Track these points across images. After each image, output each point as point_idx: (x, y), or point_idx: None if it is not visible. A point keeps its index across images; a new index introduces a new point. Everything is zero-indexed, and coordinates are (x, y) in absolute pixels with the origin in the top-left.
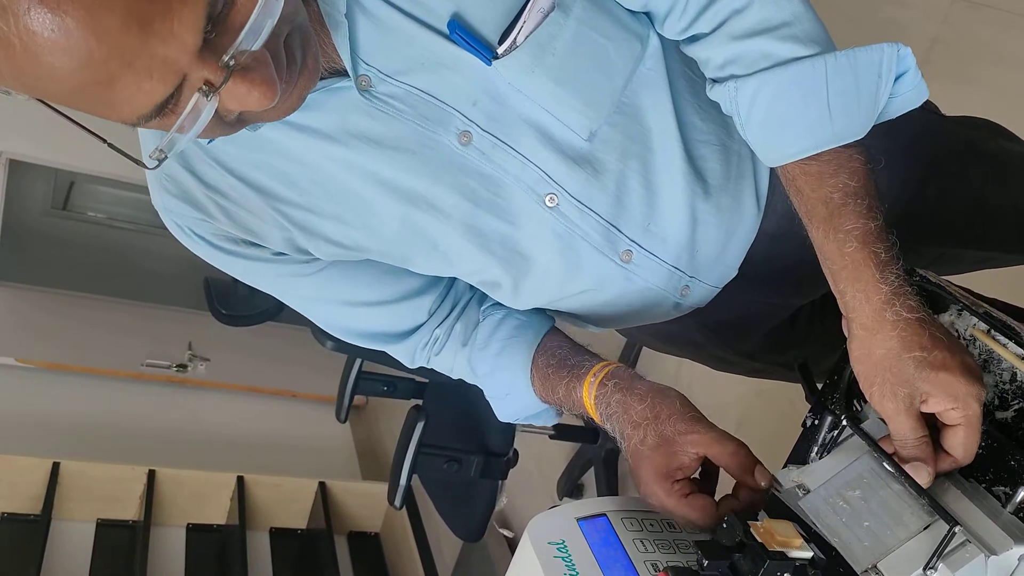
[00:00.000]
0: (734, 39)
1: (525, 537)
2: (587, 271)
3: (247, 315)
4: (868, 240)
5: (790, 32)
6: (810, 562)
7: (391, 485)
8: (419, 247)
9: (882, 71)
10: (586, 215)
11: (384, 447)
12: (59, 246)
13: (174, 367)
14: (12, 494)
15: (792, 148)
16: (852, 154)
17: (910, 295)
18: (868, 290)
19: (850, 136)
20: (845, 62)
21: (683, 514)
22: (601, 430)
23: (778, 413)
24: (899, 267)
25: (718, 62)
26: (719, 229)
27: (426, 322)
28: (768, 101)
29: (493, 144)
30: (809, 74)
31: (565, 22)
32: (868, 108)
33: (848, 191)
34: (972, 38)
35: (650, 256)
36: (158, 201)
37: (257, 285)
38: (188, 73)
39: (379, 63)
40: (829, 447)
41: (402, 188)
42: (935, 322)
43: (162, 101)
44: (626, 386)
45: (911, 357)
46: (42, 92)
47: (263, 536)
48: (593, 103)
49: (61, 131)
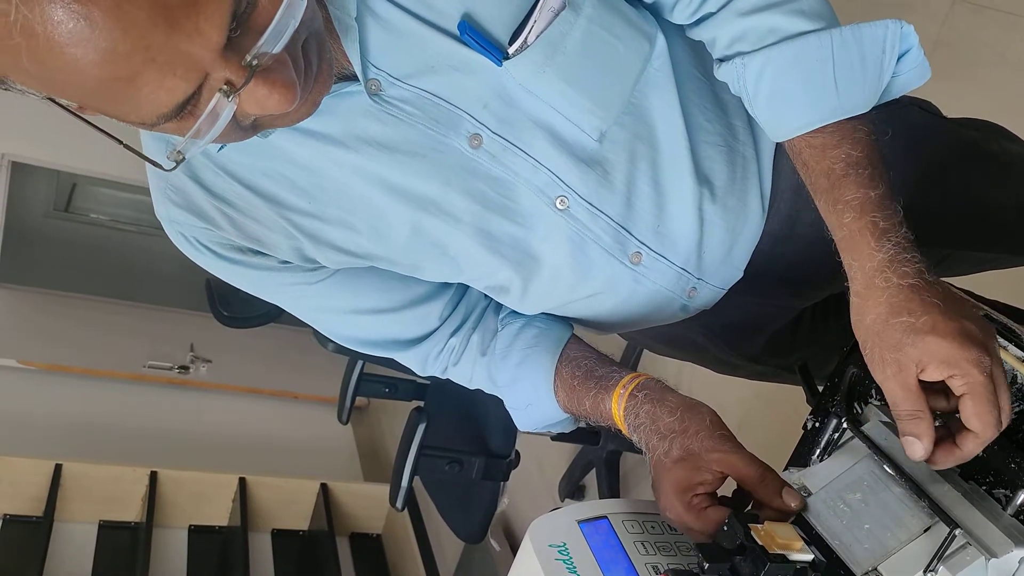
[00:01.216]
0: (740, 15)
1: (526, 539)
2: (597, 274)
3: (249, 317)
4: (866, 209)
5: (796, 7)
6: (811, 565)
7: (393, 486)
8: (429, 253)
9: (886, 46)
10: (597, 217)
11: (386, 448)
12: (61, 248)
13: (176, 369)
14: (14, 495)
15: (798, 121)
16: (856, 125)
17: (908, 261)
18: (863, 258)
19: (855, 109)
20: (850, 36)
21: (700, 528)
22: (602, 431)
23: (779, 416)
24: (901, 234)
25: (725, 40)
26: (725, 230)
27: (437, 329)
28: (774, 76)
29: (503, 147)
30: (815, 48)
31: (576, 21)
32: (873, 83)
33: (850, 161)
34: (973, 39)
35: (659, 258)
36: (162, 212)
37: (261, 295)
38: (210, 72)
39: (389, 66)
40: (830, 450)
41: (412, 193)
42: (935, 288)
43: (183, 100)
44: (657, 398)
45: (898, 322)
46: (60, 88)
47: (265, 537)
48: (603, 103)
49: (63, 133)
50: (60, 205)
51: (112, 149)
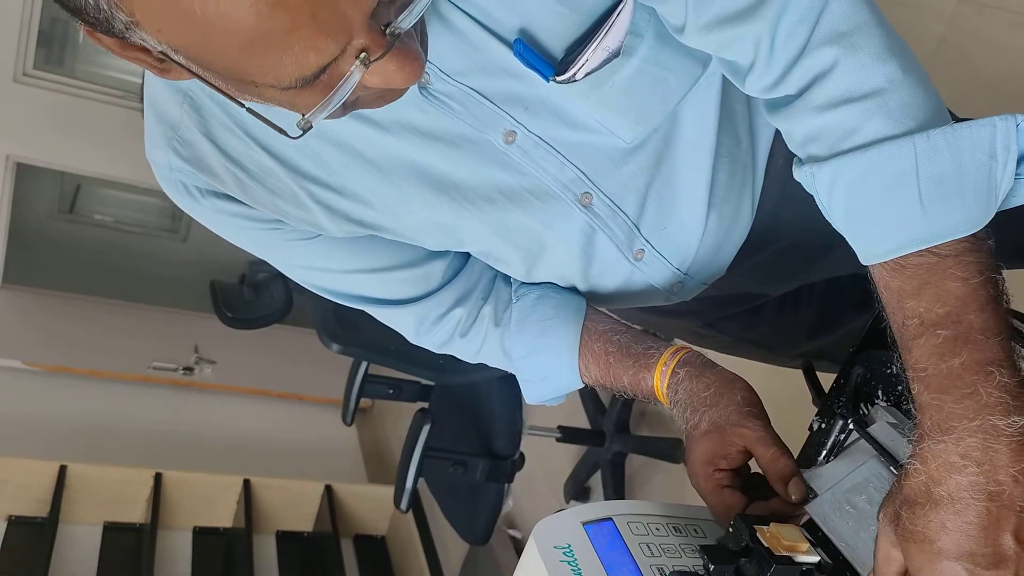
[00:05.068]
0: (817, 110)
1: (531, 541)
2: (600, 264)
3: (253, 318)
4: (932, 386)
5: (880, 103)
6: (817, 567)
7: (397, 488)
8: (436, 232)
9: (996, 150)
10: (617, 215)
11: (390, 450)
12: (65, 249)
13: (180, 370)
14: (19, 497)
15: (876, 248)
16: (950, 268)
17: (968, 465)
18: (921, 431)
19: (954, 231)
20: (941, 141)
21: (711, 504)
22: (607, 433)
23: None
24: (973, 426)
25: (799, 138)
26: (717, 235)
27: (438, 290)
28: (847, 191)
29: (536, 144)
30: (894, 158)
31: (627, 63)
32: (979, 196)
33: (927, 320)
34: (979, 39)
35: (659, 256)
36: (160, 158)
37: (253, 250)
38: (354, 38)
39: (443, 63)
40: (836, 451)
41: (437, 177)
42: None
43: (326, 63)
44: (696, 374)
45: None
46: (208, 39)
47: (269, 539)
48: (643, 120)
49: (68, 134)
50: (64, 207)
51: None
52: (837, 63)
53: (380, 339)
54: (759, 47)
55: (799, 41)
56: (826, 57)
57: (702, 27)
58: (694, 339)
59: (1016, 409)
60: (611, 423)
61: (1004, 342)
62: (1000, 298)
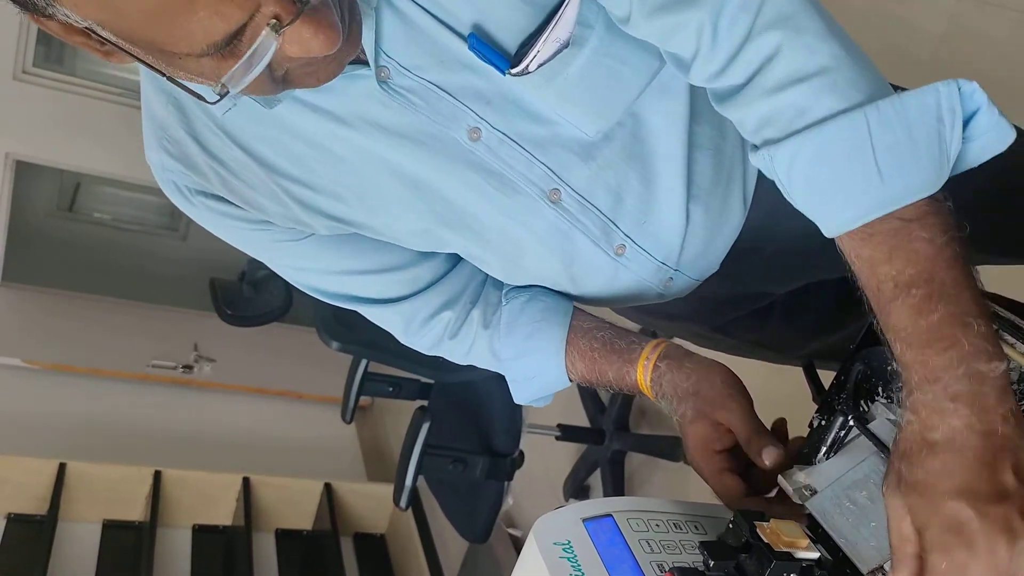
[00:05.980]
0: (767, 93)
1: (530, 537)
2: (580, 261)
3: (252, 316)
4: (914, 343)
5: (828, 80)
6: (817, 563)
7: (397, 486)
8: (419, 233)
9: (942, 113)
10: (588, 210)
11: (390, 448)
12: (65, 247)
13: (180, 368)
14: (19, 495)
15: (839, 218)
16: (915, 231)
17: (957, 409)
18: (909, 386)
19: (912, 194)
20: (891, 110)
21: (714, 487)
22: (607, 431)
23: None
24: (960, 370)
25: (751, 125)
26: (706, 229)
27: (426, 289)
28: (806, 168)
29: (501, 140)
30: (848, 131)
31: (579, 53)
32: (932, 160)
33: (901, 282)
34: (980, 36)
35: (641, 251)
36: (155, 159)
37: (246, 249)
38: (262, 5)
39: (400, 57)
40: (836, 448)
41: (407, 174)
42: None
43: (235, 29)
44: (676, 365)
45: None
46: (115, 10)
47: (269, 537)
48: (603, 112)
49: (68, 132)
50: (64, 204)
51: (115, 148)
52: (782, 46)
53: (379, 337)
54: (701, 35)
55: (742, 28)
56: (770, 42)
57: (646, 15)
58: (702, 342)
59: (996, 355)
60: (611, 421)
61: (976, 296)
62: (967, 257)
